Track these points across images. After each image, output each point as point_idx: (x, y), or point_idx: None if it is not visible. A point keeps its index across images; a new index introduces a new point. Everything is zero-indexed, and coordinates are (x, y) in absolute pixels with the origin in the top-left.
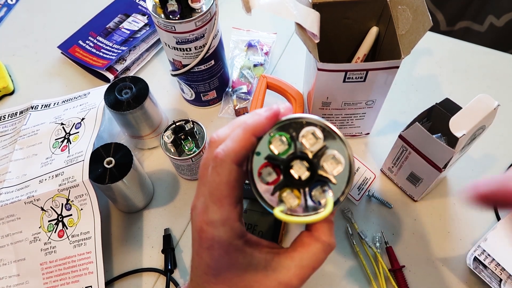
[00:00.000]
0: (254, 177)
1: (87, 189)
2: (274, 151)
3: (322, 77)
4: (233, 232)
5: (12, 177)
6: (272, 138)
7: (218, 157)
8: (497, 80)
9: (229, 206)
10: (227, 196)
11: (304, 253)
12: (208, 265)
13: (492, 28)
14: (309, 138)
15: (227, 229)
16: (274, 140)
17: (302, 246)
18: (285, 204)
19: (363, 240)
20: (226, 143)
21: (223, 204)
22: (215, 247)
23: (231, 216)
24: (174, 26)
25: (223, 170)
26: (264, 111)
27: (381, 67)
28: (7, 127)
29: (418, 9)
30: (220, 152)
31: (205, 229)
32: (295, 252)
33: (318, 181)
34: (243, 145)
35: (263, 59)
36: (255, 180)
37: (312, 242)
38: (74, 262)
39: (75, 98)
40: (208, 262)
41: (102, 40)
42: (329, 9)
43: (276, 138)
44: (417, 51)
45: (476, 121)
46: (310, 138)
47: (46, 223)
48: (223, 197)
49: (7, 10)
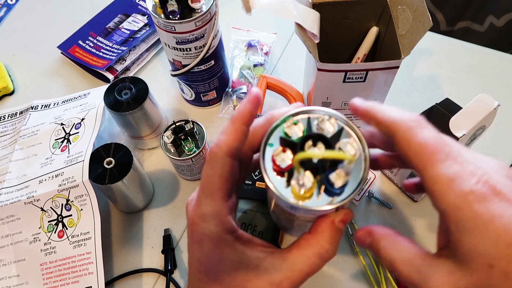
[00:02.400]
0: (266, 167)
1: (87, 190)
2: (289, 134)
3: (322, 77)
4: (223, 226)
5: (12, 177)
6: (286, 124)
7: (211, 151)
8: (497, 80)
9: (220, 199)
10: (219, 189)
11: (298, 256)
12: (199, 260)
13: (492, 28)
14: (325, 123)
15: (217, 222)
16: (288, 126)
17: (297, 248)
18: (301, 188)
19: None
20: (219, 137)
21: (214, 197)
22: (204, 240)
23: (222, 209)
24: (174, 26)
25: (216, 163)
26: (245, 98)
27: (381, 67)
28: (7, 127)
29: (418, 9)
30: (213, 146)
31: (196, 222)
32: (289, 254)
33: (334, 165)
34: (233, 137)
35: (263, 59)
36: (267, 170)
37: (309, 245)
38: (74, 263)
39: (75, 98)
40: (199, 257)
41: (102, 40)
42: (329, 9)
43: (291, 124)
44: (417, 51)
45: (476, 121)
46: (326, 123)
47: (46, 224)
48: (215, 190)
49: (7, 10)
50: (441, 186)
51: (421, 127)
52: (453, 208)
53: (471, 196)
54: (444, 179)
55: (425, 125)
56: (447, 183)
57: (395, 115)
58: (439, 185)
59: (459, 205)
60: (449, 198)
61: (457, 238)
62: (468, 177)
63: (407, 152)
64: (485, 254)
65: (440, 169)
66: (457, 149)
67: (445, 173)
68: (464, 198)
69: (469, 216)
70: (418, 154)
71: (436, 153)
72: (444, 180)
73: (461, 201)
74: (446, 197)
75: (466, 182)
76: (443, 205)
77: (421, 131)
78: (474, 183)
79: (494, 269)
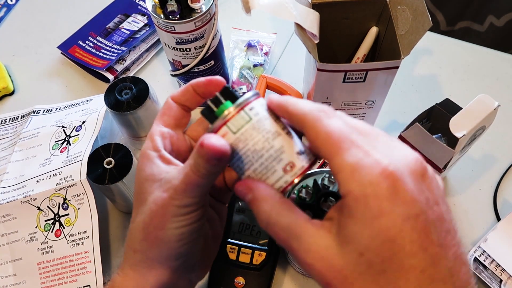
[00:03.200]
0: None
1: (85, 188)
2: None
3: (322, 77)
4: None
5: (10, 178)
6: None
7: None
8: (497, 80)
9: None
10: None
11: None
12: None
13: (492, 28)
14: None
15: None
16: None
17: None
18: None
19: None
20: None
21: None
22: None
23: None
24: (174, 26)
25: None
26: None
27: (381, 67)
28: (7, 130)
29: (418, 9)
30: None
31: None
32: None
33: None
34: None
35: (263, 59)
36: None
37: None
38: (72, 262)
39: (77, 104)
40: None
41: (102, 40)
42: (329, 9)
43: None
44: (417, 51)
45: (476, 121)
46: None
47: (43, 223)
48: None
49: (7, 10)
50: (344, 175)
51: (328, 117)
52: (351, 197)
53: (369, 189)
54: (348, 167)
55: (332, 115)
56: (350, 171)
57: (304, 107)
58: (343, 173)
59: (356, 195)
60: (349, 187)
61: (345, 221)
62: (371, 167)
63: (315, 142)
64: (361, 243)
65: (345, 157)
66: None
67: (349, 161)
68: (363, 189)
69: (361, 208)
70: (325, 143)
71: (341, 141)
72: (347, 168)
73: (359, 191)
74: (347, 185)
75: (368, 173)
76: (343, 191)
77: (327, 121)
78: (376, 175)
79: (362, 257)
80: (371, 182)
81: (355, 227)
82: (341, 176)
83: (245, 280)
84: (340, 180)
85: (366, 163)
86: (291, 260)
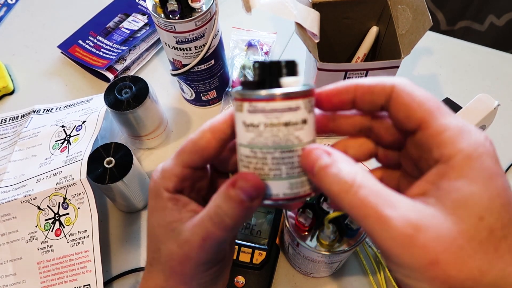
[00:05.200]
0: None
1: (85, 188)
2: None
3: (322, 77)
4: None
5: (10, 177)
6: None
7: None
8: (497, 80)
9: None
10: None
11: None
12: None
13: (492, 28)
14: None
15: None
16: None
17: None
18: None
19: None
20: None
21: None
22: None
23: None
24: (174, 25)
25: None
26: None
27: (381, 67)
28: (7, 129)
29: (418, 9)
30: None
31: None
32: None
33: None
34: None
35: (263, 58)
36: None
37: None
38: (72, 261)
39: (77, 104)
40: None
41: (102, 40)
42: (329, 9)
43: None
44: (417, 51)
45: (476, 121)
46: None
47: (43, 222)
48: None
49: (7, 10)
50: (452, 133)
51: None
52: (463, 156)
53: (481, 148)
54: (455, 128)
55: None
56: (459, 131)
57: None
58: (450, 132)
59: (470, 153)
60: (460, 145)
61: (454, 185)
62: (476, 131)
63: (411, 104)
64: (481, 205)
65: (450, 119)
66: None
67: (454, 122)
68: (476, 148)
69: (477, 166)
70: (422, 105)
71: (440, 106)
72: (455, 128)
73: (473, 150)
74: (456, 144)
75: (477, 135)
76: (448, 152)
77: (418, 89)
78: (483, 138)
79: (483, 221)
80: (483, 143)
81: (472, 188)
82: (446, 135)
83: (245, 279)
84: (444, 139)
85: (471, 128)
86: (291, 259)
